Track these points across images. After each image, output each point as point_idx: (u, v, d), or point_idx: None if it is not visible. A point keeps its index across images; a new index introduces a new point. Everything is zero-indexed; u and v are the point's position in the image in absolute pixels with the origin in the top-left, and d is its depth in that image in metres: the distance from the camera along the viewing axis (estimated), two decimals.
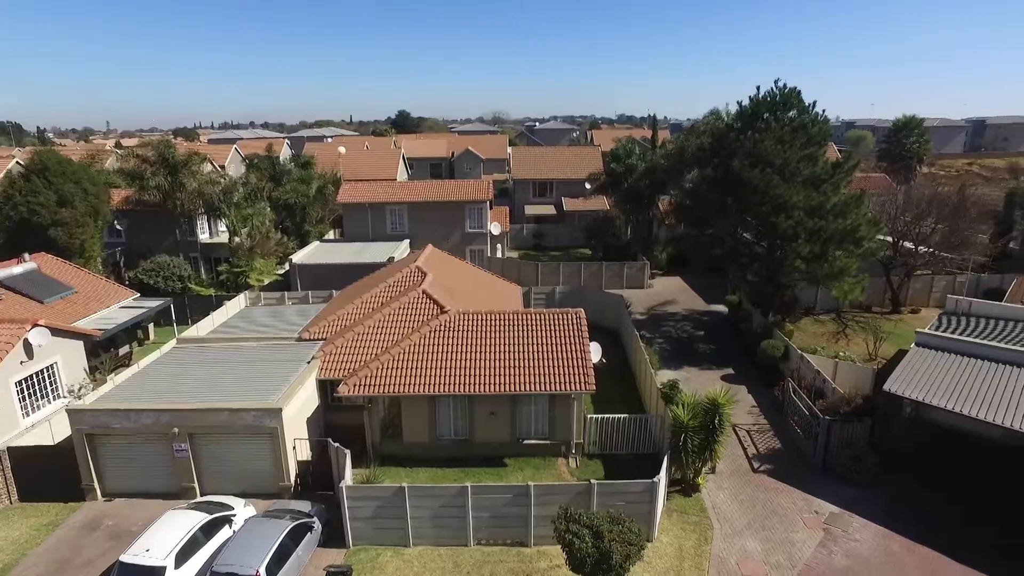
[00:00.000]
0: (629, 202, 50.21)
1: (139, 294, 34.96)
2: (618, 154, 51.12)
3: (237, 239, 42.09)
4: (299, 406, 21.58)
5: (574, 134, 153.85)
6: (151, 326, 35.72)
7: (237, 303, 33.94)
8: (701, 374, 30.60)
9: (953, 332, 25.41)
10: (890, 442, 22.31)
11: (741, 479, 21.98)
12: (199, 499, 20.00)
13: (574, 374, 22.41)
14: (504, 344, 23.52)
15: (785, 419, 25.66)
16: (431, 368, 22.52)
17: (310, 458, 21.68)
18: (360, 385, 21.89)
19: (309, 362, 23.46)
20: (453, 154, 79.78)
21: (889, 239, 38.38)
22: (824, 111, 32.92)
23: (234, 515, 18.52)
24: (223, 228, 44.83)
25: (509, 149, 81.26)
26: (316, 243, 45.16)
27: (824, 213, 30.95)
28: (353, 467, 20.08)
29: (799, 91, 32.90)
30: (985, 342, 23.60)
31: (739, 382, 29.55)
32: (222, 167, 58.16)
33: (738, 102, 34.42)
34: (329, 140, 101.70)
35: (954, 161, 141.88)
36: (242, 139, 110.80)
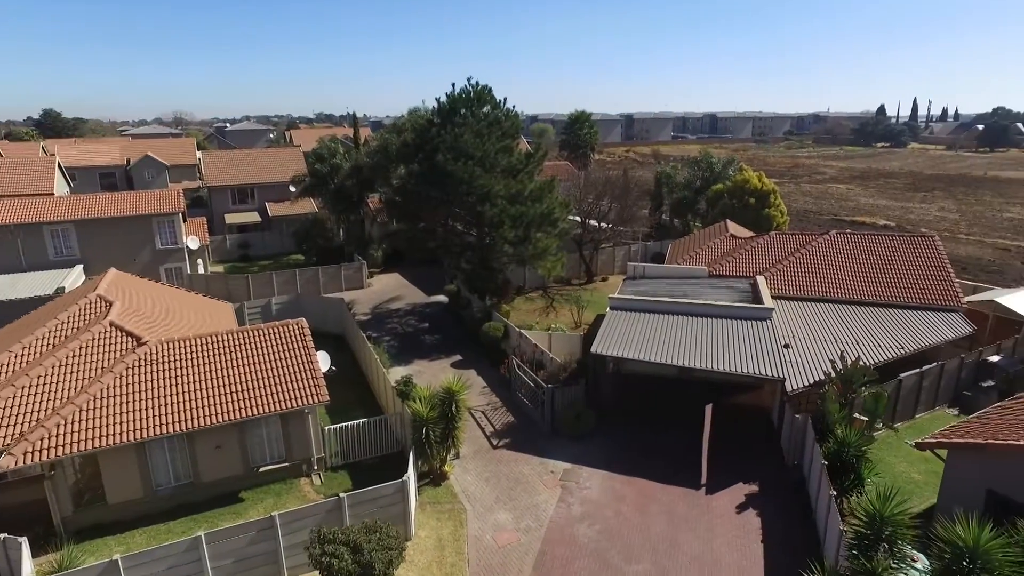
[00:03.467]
0: (338, 202, 49.05)
1: None
2: (321, 154, 49.47)
3: None
4: None
5: (271, 135, 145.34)
6: None
7: None
8: (432, 365, 31.34)
9: (635, 294, 29.93)
10: (602, 396, 25.48)
11: (484, 458, 23.08)
12: None
13: (304, 387, 21.17)
14: (222, 368, 21.16)
15: (514, 393, 27.58)
16: (134, 410, 19.23)
17: None
18: (34, 451, 17.69)
19: None
20: (129, 161, 69.04)
21: (578, 219, 43.69)
22: (514, 106, 36.06)
23: None
24: None
25: (199, 154, 73.25)
26: None
27: (523, 199, 33.94)
28: (37, 555, 16.22)
29: (490, 88, 35.43)
30: (658, 298, 28.32)
31: (468, 367, 30.95)
32: None
33: (436, 99, 35.82)
34: None
35: (616, 149, 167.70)
36: None
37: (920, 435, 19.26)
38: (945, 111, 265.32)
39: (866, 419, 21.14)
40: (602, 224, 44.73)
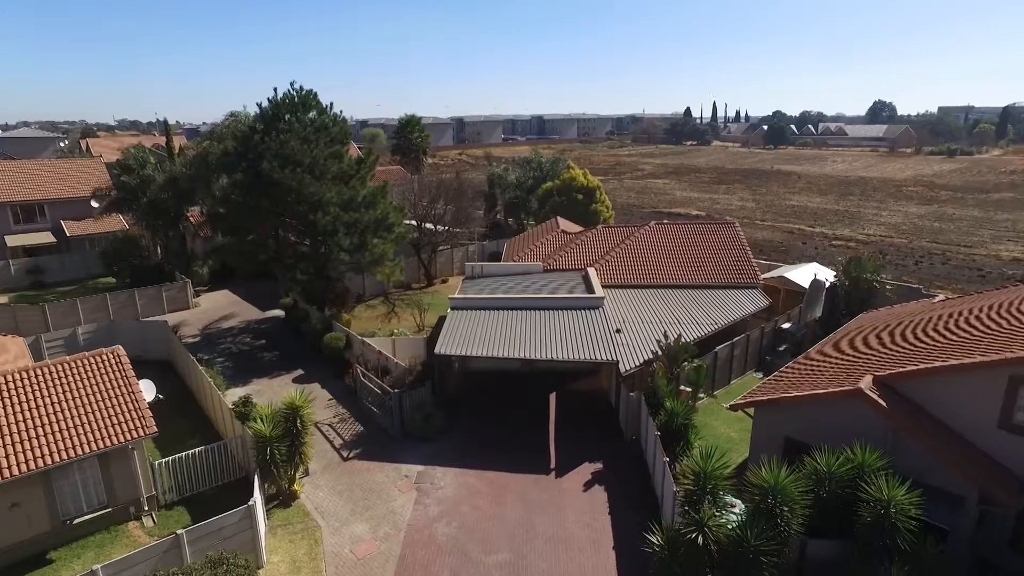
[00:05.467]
0: (153, 217, 44.77)
1: None
2: (128, 165, 44.86)
3: None
4: None
5: (62, 144, 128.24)
6: None
7: None
8: (272, 383, 29.79)
9: (474, 292, 30.58)
10: (449, 395, 25.78)
11: (335, 471, 22.40)
12: None
13: (125, 420, 19.21)
14: (14, 411, 18.44)
15: (361, 403, 26.99)
16: None
17: None
18: None
19: None
20: None
21: (414, 223, 43.67)
22: (341, 111, 35.18)
23: None
24: None
25: None
26: None
27: (356, 206, 33.29)
28: None
29: (316, 93, 34.30)
30: (496, 296, 29.18)
31: (312, 380, 29.81)
32: None
33: (257, 104, 33.99)
34: None
35: (448, 152, 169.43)
36: None
37: (733, 399, 21.66)
38: (738, 113, 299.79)
39: (690, 390, 23.43)
40: (438, 227, 45.14)
